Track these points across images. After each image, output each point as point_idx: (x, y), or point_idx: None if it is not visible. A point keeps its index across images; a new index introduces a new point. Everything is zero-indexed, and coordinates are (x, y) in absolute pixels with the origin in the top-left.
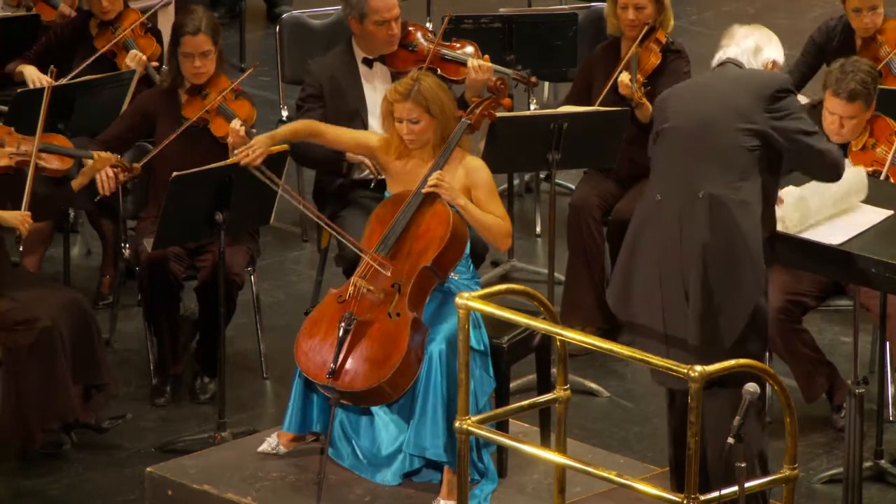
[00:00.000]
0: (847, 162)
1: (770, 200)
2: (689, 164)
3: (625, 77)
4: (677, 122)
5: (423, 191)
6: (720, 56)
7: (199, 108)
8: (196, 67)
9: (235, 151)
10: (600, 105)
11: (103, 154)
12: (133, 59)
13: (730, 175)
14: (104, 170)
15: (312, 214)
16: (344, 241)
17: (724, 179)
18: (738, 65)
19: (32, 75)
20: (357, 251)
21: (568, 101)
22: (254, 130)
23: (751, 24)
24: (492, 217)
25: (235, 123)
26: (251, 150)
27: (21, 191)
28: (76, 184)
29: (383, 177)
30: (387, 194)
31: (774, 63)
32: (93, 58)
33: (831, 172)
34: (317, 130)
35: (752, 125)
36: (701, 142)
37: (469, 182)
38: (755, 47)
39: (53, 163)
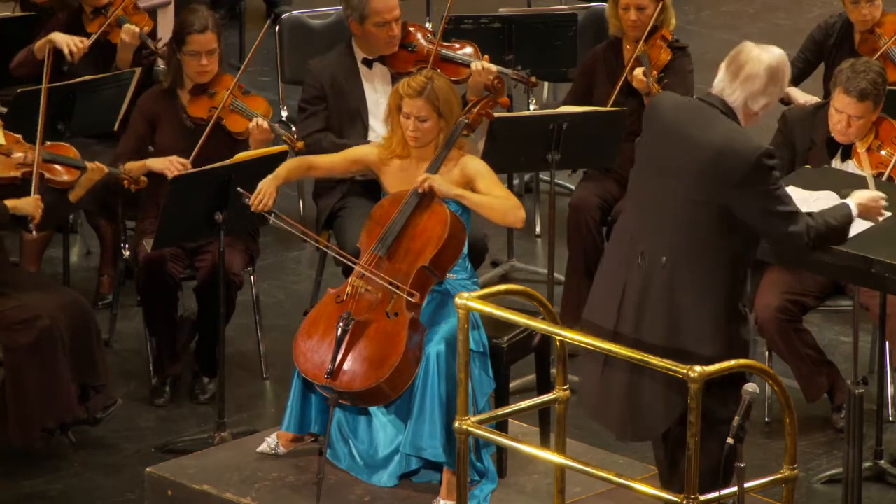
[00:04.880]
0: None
1: (739, 270)
2: (654, 222)
3: (638, 72)
4: (649, 162)
5: (419, 191)
6: (717, 86)
7: (206, 106)
8: (202, 66)
9: (246, 201)
10: (610, 106)
11: (95, 165)
12: (127, 33)
13: (693, 247)
14: (173, 165)
15: (321, 245)
16: (340, 257)
17: (687, 251)
18: (726, 111)
19: (66, 39)
20: (351, 264)
21: (568, 101)
22: (276, 125)
23: (764, 52)
24: (494, 198)
25: (260, 120)
26: (263, 196)
27: None
28: (73, 196)
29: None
30: (384, 194)
31: (769, 104)
32: (88, 42)
33: (796, 250)
34: (310, 164)
35: (715, 200)
36: (664, 203)
37: (467, 177)
38: (760, 90)
39: (61, 174)
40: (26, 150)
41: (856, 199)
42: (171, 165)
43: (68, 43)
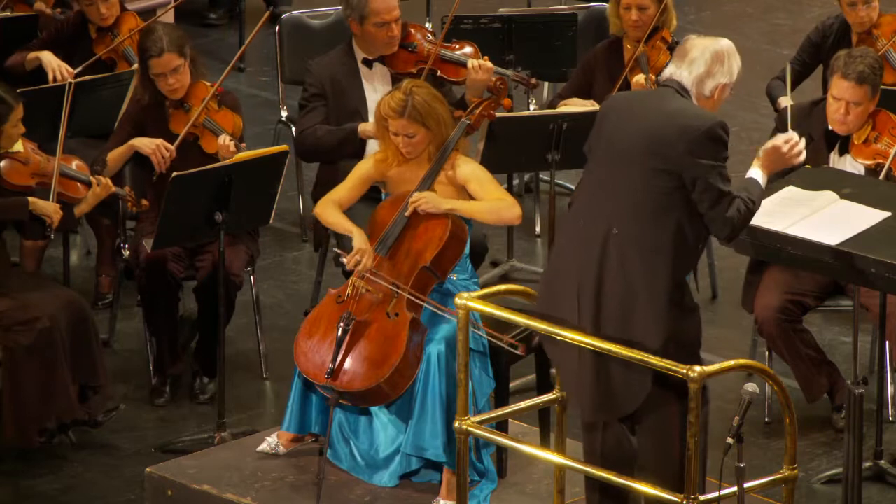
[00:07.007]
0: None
1: (685, 245)
2: (606, 196)
3: (640, 78)
4: (603, 147)
5: (406, 214)
6: (668, 72)
7: (184, 121)
8: (170, 85)
9: (343, 261)
10: None
11: (103, 181)
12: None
13: (642, 216)
14: (159, 150)
15: (418, 298)
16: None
17: (635, 220)
18: (681, 91)
19: (52, 62)
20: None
21: (565, 96)
22: (243, 145)
23: (709, 39)
24: (486, 202)
25: (224, 139)
26: (359, 256)
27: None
28: (78, 210)
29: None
30: (386, 195)
31: (723, 88)
32: (90, 61)
33: (722, 234)
34: (339, 203)
35: (666, 166)
36: (617, 177)
37: (460, 179)
38: (706, 72)
39: (76, 189)
40: (42, 161)
41: (759, 163)
42: (156, 149)
43: (55, 69)
